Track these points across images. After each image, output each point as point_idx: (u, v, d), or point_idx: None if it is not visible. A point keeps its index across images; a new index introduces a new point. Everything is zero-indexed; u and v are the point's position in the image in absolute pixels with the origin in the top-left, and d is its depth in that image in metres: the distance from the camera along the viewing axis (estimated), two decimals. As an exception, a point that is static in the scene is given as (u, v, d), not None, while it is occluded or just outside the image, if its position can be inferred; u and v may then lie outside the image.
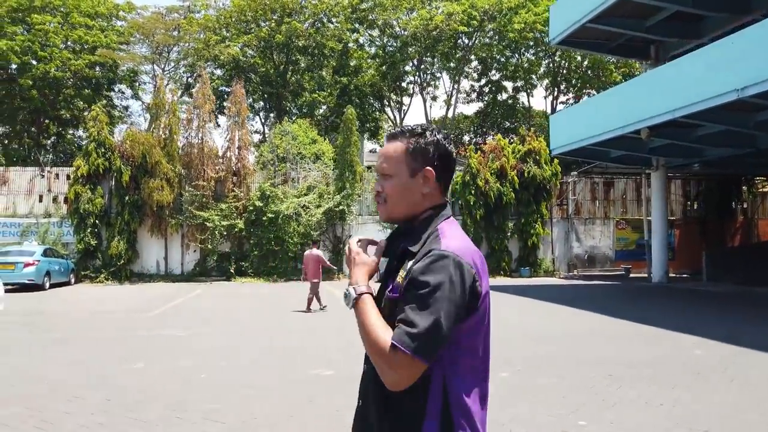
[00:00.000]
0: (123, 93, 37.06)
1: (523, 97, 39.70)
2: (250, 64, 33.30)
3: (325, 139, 28.50)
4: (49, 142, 37.44)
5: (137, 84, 35.91)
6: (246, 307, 14.11)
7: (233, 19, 33.76)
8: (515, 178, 24.21)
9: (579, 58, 35.93)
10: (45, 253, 19.59)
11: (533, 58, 37.48)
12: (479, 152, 25.06)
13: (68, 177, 23.64)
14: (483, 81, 39.49)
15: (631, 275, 24.06)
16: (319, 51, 35.00)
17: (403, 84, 38.75)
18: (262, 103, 36.28)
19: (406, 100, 40.06)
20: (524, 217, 24.44)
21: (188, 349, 8.28)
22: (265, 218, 23.07)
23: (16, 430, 4.70)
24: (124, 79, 34.57)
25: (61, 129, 37.23)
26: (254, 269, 23.30)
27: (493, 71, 38.62)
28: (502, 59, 37.49)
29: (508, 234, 24.56)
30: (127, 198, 22.92)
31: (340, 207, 23.84)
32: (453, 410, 1.47)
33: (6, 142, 32.97)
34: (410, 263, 1.51)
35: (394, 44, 36.51)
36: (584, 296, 16.23)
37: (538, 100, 79.03)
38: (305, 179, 24.85)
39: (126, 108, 36.46)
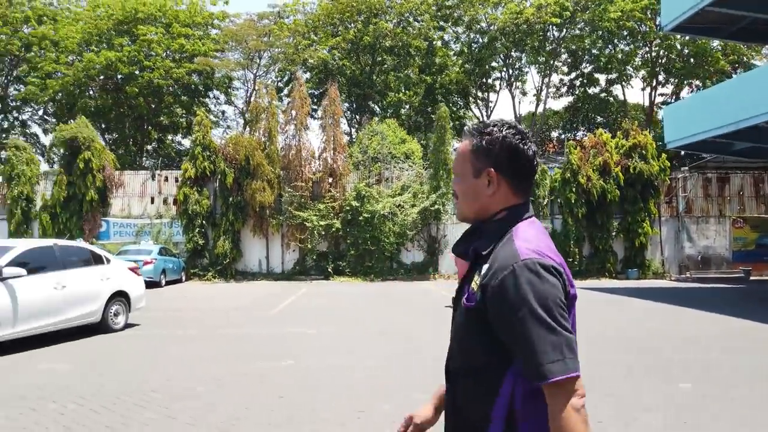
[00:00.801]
0: (218, 99, 38.66)
1: (617, 89, 37.91)
2: (338, 66, 33.73)
3: (413, 138, 28.42)
4: (149, 147, 39.68)
5: (231, 90, 37.31)
6: (359, 305, 14.15)
7: (321, 23, 34.35)
8: (620, 174, 23.07)
9: (679, 46, 33.83)
10: (160, 252, 20.67)
11: (628, 48, 35.67)
12: (579, 148, 24.06)
13: (176, 180, 24.86)
14: (573, 74, 38.05)
15: (752, 278, 22.26)
16: (405, 50, 34.96)
17: (489, 80, 37.99)
18: (346, 105, 36.67)
19: (492, 96, 39.32)
20: (630, 216, 23.22)
21: (327, 347, 8.30)
22: (361, 218, 23.24)
23: (200, 427, 4.78)
24: (220, 85, 35.98)
25: (161, 134, 39.37)
26: (351, 268, 23.52)
27: (585, 63, 37.11)
28: (595, 51, 35.94)
29: (613, 234, 23.43)
30: (231, 199, 23.79)
31: (435, 206, 23.63)
32: (518, 417, 1.41)
33: (114, 147, 35.12)
34: (484, 268, 1.45)
35: (481, 40, 35.86)
36: (715, 299, 15.12)
37: (634, 93, 75.34)
38: (399, 179, 24.84)
39: (222, 113, 38.00)
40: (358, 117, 36.58)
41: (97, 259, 9.59)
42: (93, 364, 7.22)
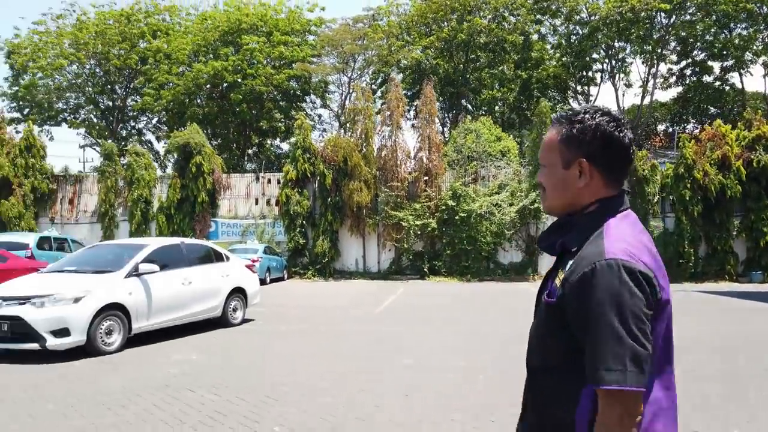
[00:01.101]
0: (314, 103, 39.81)
1: (733, 78, 34.92)
2: (431, 66, 33.63)
3: (509, 136, 27.73)
4: (250, 151, 41.63)
5: (327, 93, 38.33)
6: (462, 306, 13.96)
7: (414, 23, 34.41)
8: (741, 168, 21.21)
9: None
10: (265, 251, 21.57)
11: (746, 32, 32.73)
12: (693, 141, 22.37)
13: (278, 181, 25.86)
14: (683, 63, 35.50)
15: None
16: (500, 46, 34.23)
17: (590, 73, 36.31)
18: (439, 104, 36.47)
19: (592, 90, 37.55)
20: (754, 213, 21.28)
21: (443, 347, 8.21)
22: (457, 217, 22.99)
23: (334, 423, 4.83)
24: (317, 90, 37.05)
25: (261, 139, 41.18)
26: (447, 268, 23.35)
27: (696, 51, 34.50)
28: (708, 36, 33.31)
29: (734, 233, 21.58)
30: (329, 200, 24.39)
31: (535, 205, 22.88)
32: None
33: (219, 152, 37.21)
34: (569, 263, 1.38)
35: (581, 32, 34.36)
36: None
37: (753, 81, 68.88)
38: (495, 177, 24.34)
39: (319, 116, 39.12)
40: (450, 116, 36.29)
41: (218, 257, 10.13)
42: (221, 357, 7.60)
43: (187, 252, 9.44)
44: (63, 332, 7.20)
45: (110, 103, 39.40)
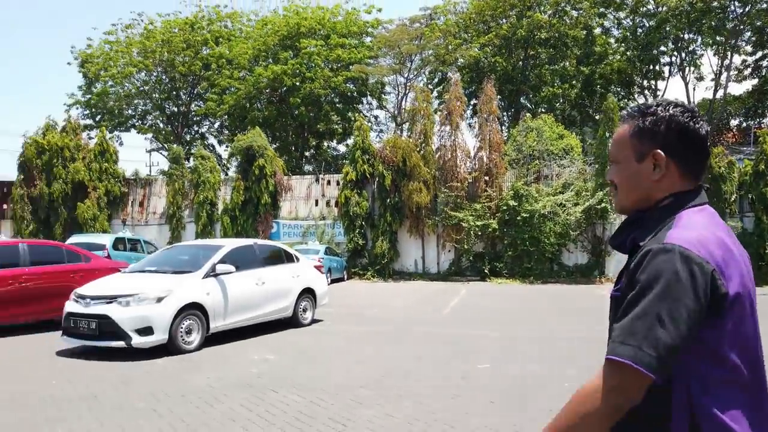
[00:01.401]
0: (371, 104, 39.99)
1: (817, 67, 32.62)
2: (490, 63, 33.10)
3: (571, 134, 26.92)
4: (307, 153, 42.27)
5: (383, 94, 38.42)
6: (529, 308, 13.59)
7: (472, 21, 33.99)
8: (829, 164, 19.76)
9: None
10: (326, 252, 21.78)
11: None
12: (775, 136, 21.02)
13: (338, 183, 26.08)
14: (759, 54, 33.47)
15: None
16: (561, 41, 33.32)
17: (657, 67, 34.80)
18: (495, 102, 35.88)
19: (660, 84, 35.98)
20: None
21: (518, 351, 7.96)
22: (519, 218, 22.48)
23: (422, 427, 4.71)
24: (373, 91, 37.19)
25: (318, 141, 41.75)
26: (508, 270, 22.87)
27: (774, 41, 32.46)
28: (789, 24, 31.27)
29: (821, 233, 20.13)
30: (388, 200, 24.38)
31: (602, 204, 22.09)
32: (702, 411, 1.27)
33: (278, 155, 37.97)
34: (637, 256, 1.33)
35: (647, 24, 32.99)
36: None
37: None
38: (559, 176, 23.67)
39: (375, 118, 39.27)
40: (509, 114, 35.62)
41: (288, 258, 10.24)
42: (297, 357, 7.64)
43: (259, 253, 9.59)
44: (147, 331, 7.42)
45: (175, 109, 40.90)
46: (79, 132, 27.75)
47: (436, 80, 36.25)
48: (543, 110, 32.93)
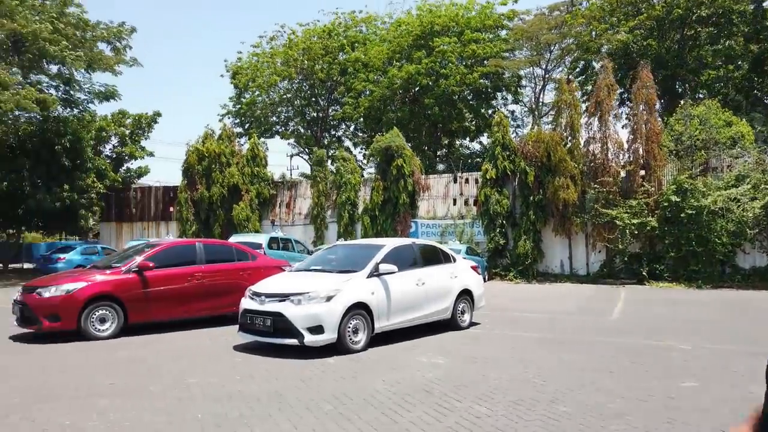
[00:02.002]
0: (505, 99, 38.73)
1: None
2: (640, 48, 30.39)
3: (741, 120, 23.78)
4: (440, 153, 41.93)
5: (520, 88, 37.00)
6: (713, 317, 11.98)
7: (619, 3, 31.47)
8: None
9: None
10: (467, 252, 21.22)
11: None
12: None
13: (476, 181, 25.45)
14: None
15: None
16: (725, 18, 29.68)
17: None
18: (652, 89, 32.87)
19: None
20: None
21: (724, 368, 6.85)
22: (683, 215, 20.24)
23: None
24: (509, 85, 35.94)
25: (450, 140, 41.29)
26: (670, 272, 20.71)
27: None
28: None
29: None
30: (531, 198, 23.27)
31: (787, 199, 19.19)
32: None
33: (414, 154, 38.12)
34: None
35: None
36: None
37: None
38: (731, 168, 21.00)
39: (512, 113, 37.94)
40: (662, 102, 32.46)
41: (446, 257, 9.89)
42: (467, 362, 7.22)
43: (418, 252, 9.35)
44: (318, 329, 7.44)
45: (315, 114, 42.74)
46: (233, 139, 29.89)
47: (577, 70, 34.13)
48: (701, 96, 29.61)
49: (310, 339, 7.42)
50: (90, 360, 7.50)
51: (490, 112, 38.79)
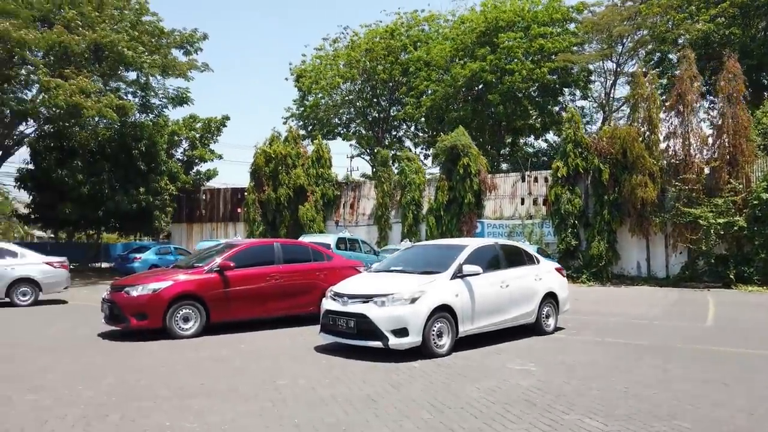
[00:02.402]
0: (573, 95, 37.42)
1: None
2: (723, 36, 28.55)
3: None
4: (502, 151, 41.00)
5: (589, 83, 35.64)
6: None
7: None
8: None
9: None
10: (538, 253, 20.42)
11: None
12: None
13: (546, 180, 24.64)
14: None
15: None
16: (819, 1, 27.44)
17: None
18: (739, 80, 30.85)
19: None
20: None
21: None
22: (776, 214, 18.81)
23: None
24: (578, 80, 34.66)
25: (513, 138, 40.31)
26: (761, 276, 19.26)
27: None
28: None
29: None
30: (606, 197, 22.28)
31: None
32: None
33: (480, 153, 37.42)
34: None
35: None
36: None
37: None
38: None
39: (581, 109, 36.59)
40: (748, 93, 30.39)
41: (529, 259, 9.47)
42: (561, 370, 6.79)
43: (501, 253, 8.96)
44: (402, 332, 7.21)
45: (376, 115, 42.75)
46: (298, 141, 30.27)
47: (651, 62, 32.48)
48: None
49: (394, 342, 7.20)
50: (177, 359, 7.58)
51: (556, 109, 37.62)
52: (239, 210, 31.87)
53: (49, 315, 12.45)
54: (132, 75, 25.84)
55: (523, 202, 25.39)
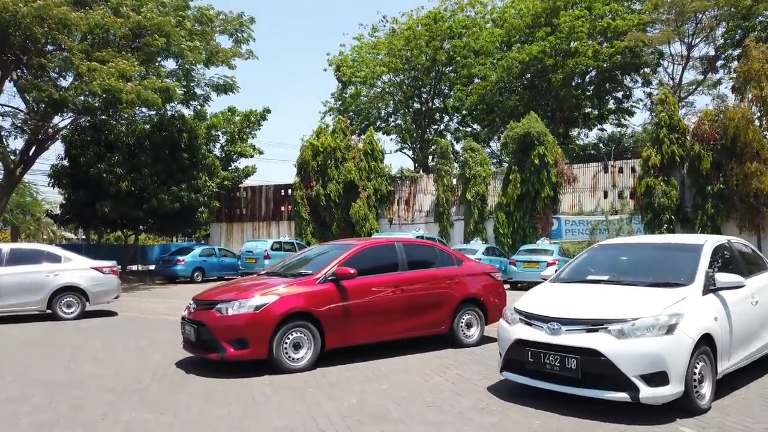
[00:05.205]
0: (635, 81, 34.61)
1: None
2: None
3: None
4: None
5: (660, 65, 32.83)
6: None
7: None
8: None
9: None
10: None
11: None
12: None
13: (632, 170, 22.07)
14: None
15: None
16: None
17: None
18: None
19: None
20: None
21: None
22: None
23: None
24: (649, 62, 31.83)
25: (567, 128, 37.54)
26: None
27: None
28: None
29: None
30: (708, 188, 19.64)
31: None
32: None
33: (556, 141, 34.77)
34: None
35: None
36: None
37: None
38: None
39: (649, 94, 33.75)
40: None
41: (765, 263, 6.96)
42: None
43: (739, 254, 6.48)
44: (659, 378, 4.75)
45: (418, 107, 40.32)
46: (347, 132, 27.98)
47: (729, 40, 29.62)
48: None
49: (648, 393, 4.74)
50: (312, 412, 5.25)
51: (619, 95, 34.90)
52: (282, 208, 29.75)
53: (102, 332, 10.26)
54: (171, 64, 23.80)
55: (606, 196, 22.80)
